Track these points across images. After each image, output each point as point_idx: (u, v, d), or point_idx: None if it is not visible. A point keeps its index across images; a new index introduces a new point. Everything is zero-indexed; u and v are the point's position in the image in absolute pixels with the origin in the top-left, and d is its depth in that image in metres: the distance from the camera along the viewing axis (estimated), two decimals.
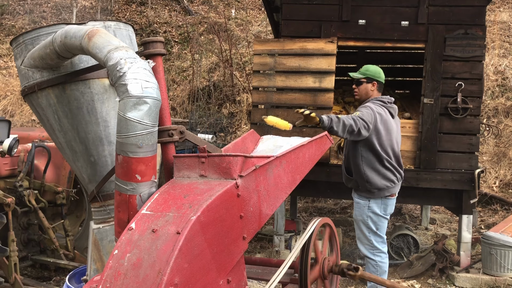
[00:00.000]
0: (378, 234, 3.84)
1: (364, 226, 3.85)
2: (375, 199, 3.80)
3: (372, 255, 3.85)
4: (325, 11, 4.97)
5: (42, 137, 5.09)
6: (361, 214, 3.86)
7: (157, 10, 13.13)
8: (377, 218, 3.82)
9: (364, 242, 3.88)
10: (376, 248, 3.84)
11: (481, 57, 4.77)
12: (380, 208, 3.82)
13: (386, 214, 3.84)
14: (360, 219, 3.86)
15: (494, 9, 10.89)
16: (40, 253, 4.77)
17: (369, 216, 3.81)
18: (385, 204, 3.83)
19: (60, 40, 2.39)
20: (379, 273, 3.84)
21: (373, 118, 3.64)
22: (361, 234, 3.89)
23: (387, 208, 3.85)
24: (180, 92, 10.31)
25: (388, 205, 3.85)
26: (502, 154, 7.62)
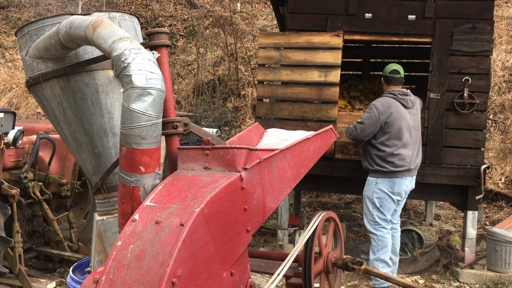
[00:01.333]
0: (381, 210, 4.22)
1: (369, 201, 4.26)
2: (383, 177, 4.19)
3: (374, 229, 4.23)
4: (331, 5, 4.93)
5: (47, 129, 5.09)
6: (368, 189, 4.27)
7: (162, 4, 13.10)
8: (383, 194, 4.19)
9: (368, 217, 4.28)
10: (378, 223, 4.21)
11: (488, 52, 4.72)
12: (387, 186, 4.19)
13: (393, 192, 4.19)
14: (367, 195, 4.27)
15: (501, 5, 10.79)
16: (45, 244, 4.79)
17: (374, 191, 4.21)
18: (392, 182, 4.18)
19: (65, 30, 2.38)
20: (380, 246, 4.21)
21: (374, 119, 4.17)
22: (366, 209, 4.30)
23: (394, 187, 4.19)
24: (185, 86, 10.29)
25: (396, 184, 4.19)
26: (508, 150, 7.57)
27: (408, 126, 4.24)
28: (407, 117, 4.25)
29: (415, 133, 4.31)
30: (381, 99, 4.28)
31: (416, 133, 4.34)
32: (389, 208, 4.22)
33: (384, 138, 4.20)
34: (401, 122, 4.19)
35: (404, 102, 4.25)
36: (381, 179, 4.20)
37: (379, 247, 4.21)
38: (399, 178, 4.19)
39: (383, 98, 4.29)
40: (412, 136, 4.27)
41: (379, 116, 4.16)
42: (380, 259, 4.22)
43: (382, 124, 4.17)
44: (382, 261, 4.22)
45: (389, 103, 4.21)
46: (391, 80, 4.35)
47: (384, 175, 4.19)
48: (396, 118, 4.18)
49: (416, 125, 4.34)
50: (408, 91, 4.33)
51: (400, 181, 4.20)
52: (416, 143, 4.34)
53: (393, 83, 4.34)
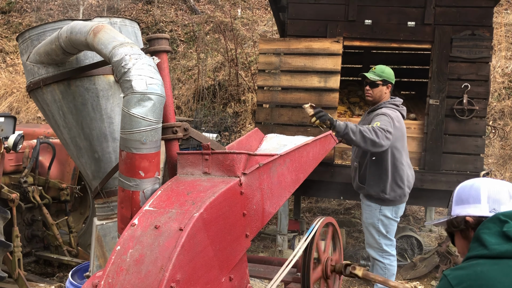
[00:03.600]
0: (388, 237, 3.80)
1: (374, 229, 3.80)
2: (388, 205, 3.76)
3: (381, 257, 3.81)
4: (331, 11, 4.95)
5: (47, 133, 5.10)
6: (371, 217, 3.80)
7: (163, 9, 13.15)
8: (388, 221, 3.78)
9: (374, 246, 3.83)
10: (386, 251, 3.80)
11: (488, 59, 4.74)
12: (391, 211, 3.78)
13: (397, 217, 3.84)
14: (370, 222, 3.80)
15: (501, 11, 10.83)
16: (44, 249, 4.79)
17: (380, 219, 3.76)
18: (397, 207, 3.81)
19: (65, 35, 2.39)
20: (387, 275, 3.80)
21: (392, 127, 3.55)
22: (371, 237, 3.83)
23: (399, 211, 3.84)
24: (185, 91, 10.32)
25: (400, 208, 3.84)
26: (508, 156, 7.58)
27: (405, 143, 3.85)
28: (405, 132, 3.85)
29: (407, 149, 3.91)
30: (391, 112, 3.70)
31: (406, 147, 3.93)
32: (394, 230, 3.86)
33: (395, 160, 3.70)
34: (404, 138, 3.80)
35: (404, 112, 3.87)
36: (385, 206, 3.76)
37: (386, 276, 3.82)
38: (403, 203, 3.85)
39: (392, 111, 3.72)
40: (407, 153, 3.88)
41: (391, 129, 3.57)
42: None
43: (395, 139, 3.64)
44: None
45: (399, 119, 3.73)
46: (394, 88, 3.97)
47: (390, 203, 3.76)
48: (404, 134, 3.78)
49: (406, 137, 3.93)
50: (401, 100, 3.92)
51: (403, 206, 3.88)
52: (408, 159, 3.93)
53: None
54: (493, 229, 1.34)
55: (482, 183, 1.55)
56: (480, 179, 1.58)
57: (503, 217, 1.36)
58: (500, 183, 1.53)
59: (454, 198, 1.60)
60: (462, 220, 1.50)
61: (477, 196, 1.50)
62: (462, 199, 1.55)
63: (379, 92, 3.82)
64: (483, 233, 1.35)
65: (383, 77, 3.81)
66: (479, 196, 1.50)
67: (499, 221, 1.35)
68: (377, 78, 3.81)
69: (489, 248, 1.30)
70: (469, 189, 1.55)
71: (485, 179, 1.57)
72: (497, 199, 1.47)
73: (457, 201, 1.57)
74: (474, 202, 1.50)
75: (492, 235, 1.33)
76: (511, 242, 1.28)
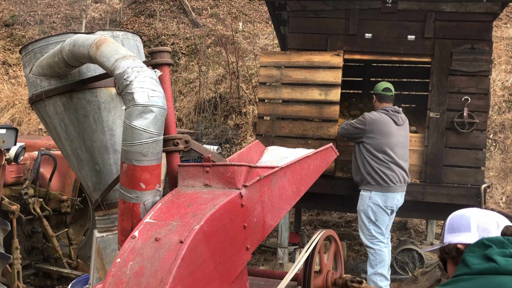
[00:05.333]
0: (376, 224, 4.27)
1: (364, 215, 4.30)
2: (376, 191, 4.26)
3: (371, 243, 4.26)
4: (332, 25, 4.99)
5: (49, 145, 5.11)
6: (362, 204, 4.32)
7: (165, 22, 13.26)
8: (377, 208, 4.25)
9: (364, 232, 4.32)
10: (375, 237, 4.27)
11: (487, 72, 4.76)
12: (380, 199, 4.26)
13: (386, 206, 4.26)
14: (362, 209, 4.32)
15: (500, 25, 10.90)
16: (44, 261, 4.77)
17: (369, 205, 4.26)
18: (385, 196, 4.26)
19: (68, 48, 2.42)
20: (378, 260, 4.24)
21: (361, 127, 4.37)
22: (362, 224, 4.34)
23: (388, 201, 4.27)
24: (186, 103, 10.36)
25: (389, 198, 4.27)
26: (509, 169, 7.57)
27: (399, 143, 4.36)
28: (398, 134, 4.37)
29: (404, 150, 4.43)
30: (375, 112, 4.46)
31: (406, 150, 4.47)
32: (384, 221, 4.28)
33: (375, 152, 4.31)
34: (392, 138, 4.33)
35: (396, 119, 4.39)
36: (375, 192, 4.28)
37: (377, 261, 4.25)
38: (391, 192, 4.28)
39: (376, 112, 4.46)
40: (402, 153, 4.39)
41: (366, 127, 4.33)
42: (378, 273, 4.24)
43: (367, 135, 4.33)
44: (381, 275, 4.25)
45: (381, 118, 4.37)
46: (383, 98, 4.52)
47: (377, 189, 4.28)
48: (387, 133, 4.32)
49: (406, 142, 4.47)
50: (399, 109, 4.49)
51: (393, 196, 4.29)
52: (406, 160, 4.45)
53: (385, 100, 4.51)
54: (477, 252, 1.47)
55: (472, 213, 1.68)
56: (470, 210, 1.70)
57: (487, 242, 1.49)
58: (488, 214, 1.67)
59: (446, 227, 1.72)
60: (453, 248, 1.63)
61: (468, 225, 1.64)
62: (454, 228, 1.68)
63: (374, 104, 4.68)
64: (468, 256, 1.48)
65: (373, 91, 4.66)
66: (469, 225, 1.63)
67: (483, 245, 1.48)
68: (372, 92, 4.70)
69: (471, 267, 1.43)
70: (460, 219, 1.68)
71: (475, 209, 1.70)
72: (486, 228, 1.60)
73: (449, 229, 1.69)
74: (465, 230, 1.63)
75: (475, 257, 1.46)
76: (489, 261, 1.42)
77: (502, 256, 1.42)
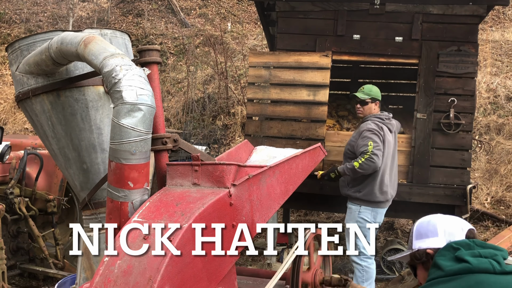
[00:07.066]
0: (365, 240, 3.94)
1: None
2: (366, 206, 4.07)
3: (359, 259, 4.08)
4: (320, 26, 5.01)
5: (35, 144, 5.06)
6: (351, 219, 4.11)
7: (153, 22, 13.20)
8: (365, 224, 4.02)
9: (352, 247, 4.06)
10: (363, 253, 4.04)
11: (473, 74, 4.82)
12: (370, 215, 4.09)
13: (375, 221, 4.10)
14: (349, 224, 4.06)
15: (486, 28, 11.05)
16: (29, 261, 4.71)
17: (358, 221, 4.05)
18: (375, 212, 4.10)
19: (56, 46, 2.40)
20: (365, 278, 4.09)
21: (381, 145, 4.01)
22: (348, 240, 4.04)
23: (377, 216, 4.12)
24: (174, 104, 10.32)
25: (378, 213, 4.12)
26: (494, 171, 7.66)
27: (392, 152, 4.19)
28: (392, 143, 4.21)
29: (395, 160, 4.26)
30: (374, 125, 4.11)
31: (395, 159, 4.30)
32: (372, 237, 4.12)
33: None
34: (389, 148, 4.13)
35: (390, 126, 4.21)
36: (364, 207, 4.08)
37: (364, 278, 4.09)
38: (381, 208, 4.13)
39: (374, 123, 4.12)
40: (393, 163, 4.22)
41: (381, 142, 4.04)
42: None
43: None
44: None
45: (382, 130, 4.10)
46: (380, 104, 4.31)
47: (368, 204, 4.08)
48: (388, 144, 4.11)
49: (396, 150, 4.31)
50: (391, 115, 4.32)
51: (382, 211, 4.15)
52: (395, 170, 4.29)
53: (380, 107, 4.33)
54: (447, 256, 1.56)
55: (437, 219, 1.76)
56: (435, 216, 1.79)
57: (455, 245, 1.58)
58: (452, 219, 1.76)
59: (414, 233, 1.79)
60: (423, 253, 1.70)
61: (435, 230, 1.72)
62: (421, 234, 1.75)
63: (369, 109, 4.24)
64: (439, 259, 1.57)
65: (371, 95, 4.23)
66: (436, 230, 1.72)
67: (452, 248, 1.58)
68: (366, 96, 4.22)
69: (445, 270, 1.52)
70: (427, 225, 1.76)
71: (439, 215, 1.79)
72: (451, 232, 1.69)
73: (417, 236, 1.76)
74: (433, 235, 1.71)
75: (446, 260, 1.55)
76: (462, 262, 1.51)
77: (472, 256, 1.51)
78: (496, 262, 1.49)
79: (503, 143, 8.03)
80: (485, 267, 1.48)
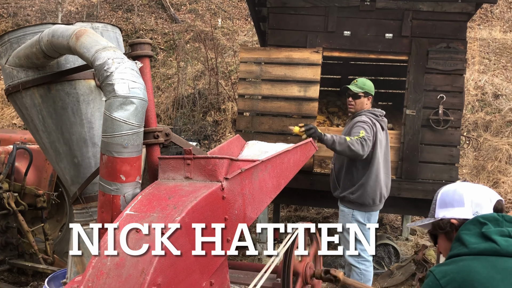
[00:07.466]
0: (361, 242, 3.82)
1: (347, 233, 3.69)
2: (359, 210, 3.92)
3: (357, 263, 3.92)
4: (311, 22, 5.03)
5: (24, 139, 5.02)
6: (344, 221, 3.96)
7: (143, 17, 13.12)
8: (361, 226, 3.86)
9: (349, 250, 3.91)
10: (360, 256, 3.90)
11: (462, 71, 4.88)
12: (364, 217, 3.92)
13: (370, 223, 3.92)
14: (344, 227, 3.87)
15: (474, 27, 11.16)
16: (18, 257, 4.66)
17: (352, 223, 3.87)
18: (369, 214, 3.95)
19: (47, 39, 2.38)
20: (363, 281, 3.90)
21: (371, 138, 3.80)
22: (345, 241, 3.73)
23: (371, 218, 3.97)
24: (164, 99, 10.28)
25: (372, 215, 3.97)
26: (481, 167, 7.76)
27: (384, 151, 4.01)
28: (384, 142, 4.00)
29: (388, 159, 4.08)
30: (367, 118, 3.91)
31: (388, 158, 4.10)
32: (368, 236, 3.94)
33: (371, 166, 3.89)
34: (381, 148, 3.95)
35: (383, 124, 4.03)
36: (357, 211, 3.92)
37: (362, 281, 3.88)
38: (375, 211, 3.99)
39: (368, 118, 3.92)
40: (387, 162, 4.05)
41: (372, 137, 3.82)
42: None
43: None
44: None
45: (375, 126, 3.91)
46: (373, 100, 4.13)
47: (360, 208, 3.91)
48: (380, 143, 3.92)
49: (388, 149, 4.11)
50: (384, 112, 4.09)
51: (375, 214, 4.02)
52: (389, 170, 4.11)
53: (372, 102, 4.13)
54: (473, 230, 1.46)
55: (465, 188, 1.65)
56: (462, 184, 1.68)
57: (482, 219, 1.47)
58: (480, 188, 1.65)
59: (438, 201, 1.69)
60: (447, 223, 1.61)
61: (461, 200, 1.61)
62: (446, 203, 1.65)
63: (361, 104, 4.03)
64: (464, 234, 1.47)
65: (365, 89, 4.03)
66: (462, 200, 1.61)
67: (479, 223, 1.47)
68: (359, 90, 4.02)
69: (469, 247, 1.42)
70: (453, 193, 1.65)
71: (467, 184, 1.67)
72: (479, 203, 1.58)
73: (441, 204, 1.66)
74: (458, 205, 1.61)
75: (472, 236, 1.44)
76: (488, 241, 1.40)
77: (500, 235, 1.41)
78: None
79: (490, 140, 8.13)
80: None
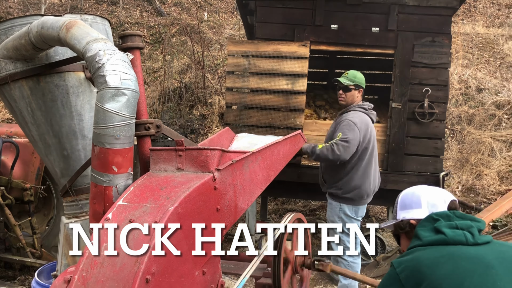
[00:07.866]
0: (348, 234, 3.76)
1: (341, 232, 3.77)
2: (347, 204, 3.93)
3: (345, 255, 3.93)
4: (299, 15, 5.05)
5: (10, 132, 4.96)
6: (332, 214, 3.97)
7: (128, 10, 13.00)
8: (348, 219, 3.93)
9: None
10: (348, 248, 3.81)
11: (447, 65, 4.95)
12: (351, 210, 3.95)
13: (357, 216, 3.98)
14: (332, 220, 3.98)
15: (457, 21, 11.30)
16: (5, 251, 4.64)
17: (340, 217, 3.93)
18: (356, 208, 3.97)
19: (36, 30, 2.37)
20: None
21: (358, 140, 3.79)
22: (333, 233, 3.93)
23: (358, 211, 4.00)
24: (150, 93, 10.22)
25: (359, 209, 4.00)
26: (464, 160, 7.90)
27: (375, 145, 4.01)
28: (374, 135, 4.00)
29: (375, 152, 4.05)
30: (357, 116, 3.90)
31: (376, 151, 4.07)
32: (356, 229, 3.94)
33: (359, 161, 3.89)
34: (373, 142, 3.96)
35: (373, 116, 4.02)
36: (345, 204, 3.92)
37: None
38: (362, 205, 4.01)
39: (357, 114, 3.91)
40: (375, 157, 4.04)
41: (360, 135, 3.81)
42: (351, 286, 3.96)
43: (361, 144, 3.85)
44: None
45: (366, 121, 3.92)
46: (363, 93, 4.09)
47: (348, 202, 3.92)
48: (371, 138, 3.93)
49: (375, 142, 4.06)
50: (372, 105, 4.09)
51: (363, 208, 4.04)
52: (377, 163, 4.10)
53: None
54: (427, 226, 1.64)
55: (421, 191, 1.82)
56: (419, 187, 1.85)
57: (436, 216, 1.65)
58: (436, 190, 1.82)
59: (398, 204, 1.86)
60: (407, 223, 1.78)
61: (418, 201, 1.78)
62: (405, 205, 1.82)
63: (352, 96, 4.00)
64: (420, 230, 1.65)
65: (356, 82, 4.00)
66: (420, 202, 1.78)
67: (432, 219, 1.65)
68: (350, 83, 3.99)
69: (422, 240, 1.60)
70: (411, 196, 1.82)
71: (423, 187, 1.84)
72: (434, 204, 1.75)
73: (402, 206, 1.83)
74: (416, 207, 1.78)
75: (426, 231, 1.63)
76: (439, 233, 1.59)
77: (449, 228, 1.59)
78: (470, 233, 1.57)
79: (474, 133, 8.27)
80: (459, 239, 1.55)
